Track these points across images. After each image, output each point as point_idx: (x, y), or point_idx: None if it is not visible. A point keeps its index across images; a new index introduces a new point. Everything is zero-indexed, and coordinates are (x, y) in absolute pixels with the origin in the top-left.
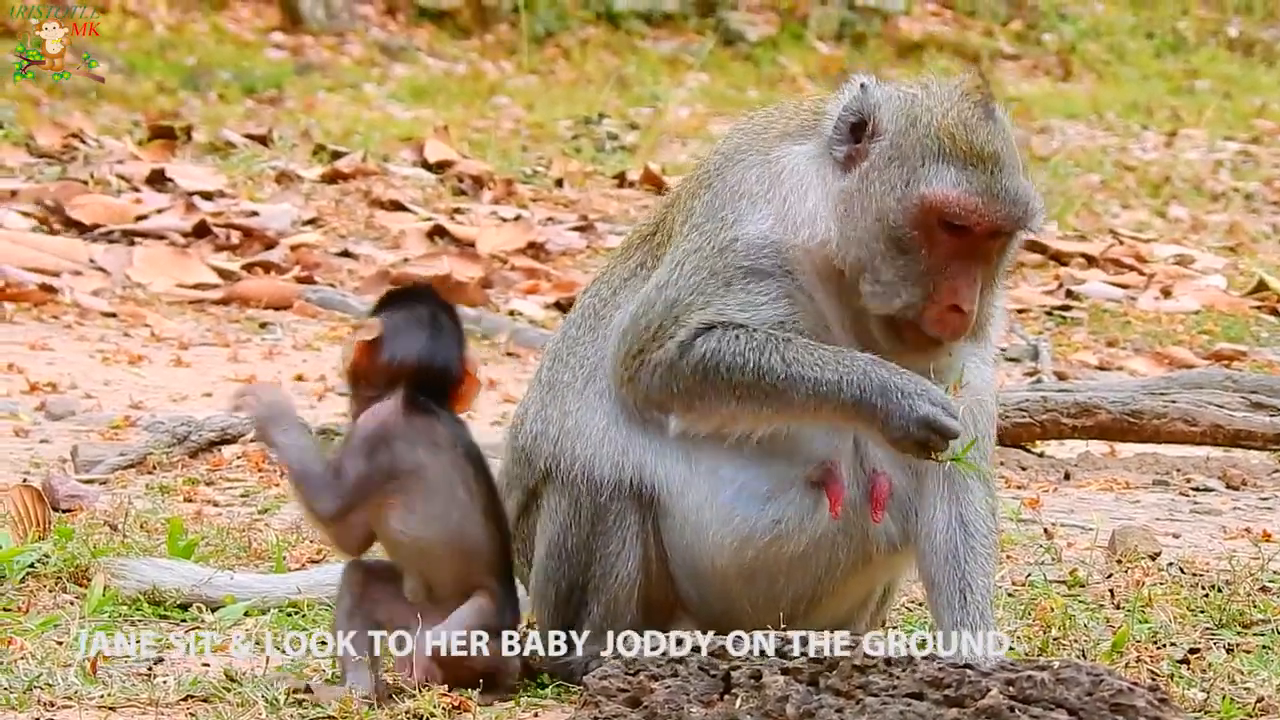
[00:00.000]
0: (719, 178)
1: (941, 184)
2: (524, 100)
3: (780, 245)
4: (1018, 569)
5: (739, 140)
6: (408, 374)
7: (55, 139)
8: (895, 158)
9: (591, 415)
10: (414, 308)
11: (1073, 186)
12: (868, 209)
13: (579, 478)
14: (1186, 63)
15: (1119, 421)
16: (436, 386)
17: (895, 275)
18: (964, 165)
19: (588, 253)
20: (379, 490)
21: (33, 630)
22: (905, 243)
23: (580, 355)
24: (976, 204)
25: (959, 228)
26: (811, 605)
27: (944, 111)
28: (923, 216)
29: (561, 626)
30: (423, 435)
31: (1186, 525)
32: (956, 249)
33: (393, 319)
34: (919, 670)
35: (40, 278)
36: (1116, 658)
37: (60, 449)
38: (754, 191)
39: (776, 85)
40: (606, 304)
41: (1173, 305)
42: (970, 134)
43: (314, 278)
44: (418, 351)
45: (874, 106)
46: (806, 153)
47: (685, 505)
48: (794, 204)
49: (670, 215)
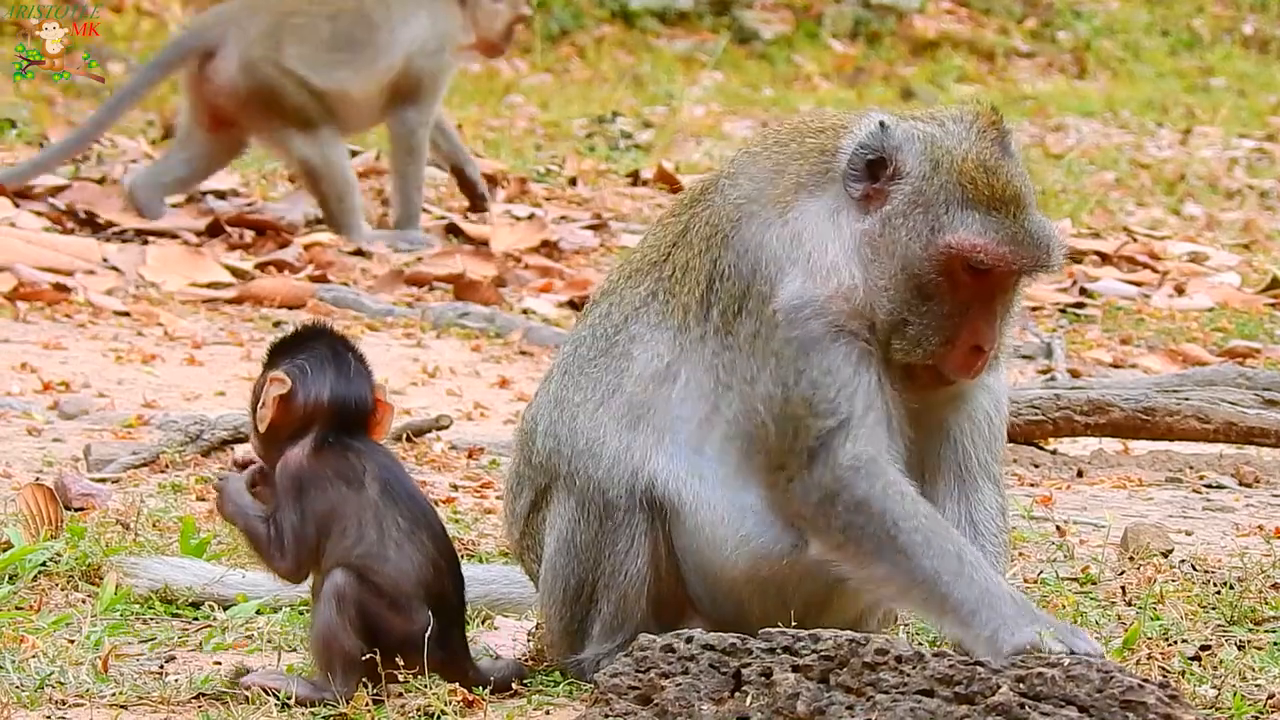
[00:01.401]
0: (735, 233)
1: (968, 232)
2: (538, 99)
3: (815, 300)
4: (1030, 566)
5: (749, 189)
6: (322, 416)
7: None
8: (918, 204)
9: (604, 437)
10: (313, 349)
11: (1087, 184)
12: (893, 255)
13: (593, 493)
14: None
15: (1132, 419)
16: (352, 422)
17: (921, 324)
18: (988, 210)
19: (601, 251)
20: (315, 535)
21: (45, 629)
22: (929, 289)
23: (592, 377)
24: (1004, 251)
25: (983, 271)
26: (823, 609)
27: (964, 154)
28: (949, 264)
29: (571, 624)
30: (337, 474)
31: (1199, 522)
32: (979, 290)
33: (296, 365)
34: (929, 667)
35: (54, 277)
36: (1128, 654)
37: (73, 448)
38: (779, 255)
39: (791, 84)
40: (619, 330)
41: (1187, 303)
42: (991, 177)
43: (327, 276)
44: (329, 392)
45: (895, 148)
46: (821, 206)
47: (699, 520)
48: (817, 258)
49: (682, 253)
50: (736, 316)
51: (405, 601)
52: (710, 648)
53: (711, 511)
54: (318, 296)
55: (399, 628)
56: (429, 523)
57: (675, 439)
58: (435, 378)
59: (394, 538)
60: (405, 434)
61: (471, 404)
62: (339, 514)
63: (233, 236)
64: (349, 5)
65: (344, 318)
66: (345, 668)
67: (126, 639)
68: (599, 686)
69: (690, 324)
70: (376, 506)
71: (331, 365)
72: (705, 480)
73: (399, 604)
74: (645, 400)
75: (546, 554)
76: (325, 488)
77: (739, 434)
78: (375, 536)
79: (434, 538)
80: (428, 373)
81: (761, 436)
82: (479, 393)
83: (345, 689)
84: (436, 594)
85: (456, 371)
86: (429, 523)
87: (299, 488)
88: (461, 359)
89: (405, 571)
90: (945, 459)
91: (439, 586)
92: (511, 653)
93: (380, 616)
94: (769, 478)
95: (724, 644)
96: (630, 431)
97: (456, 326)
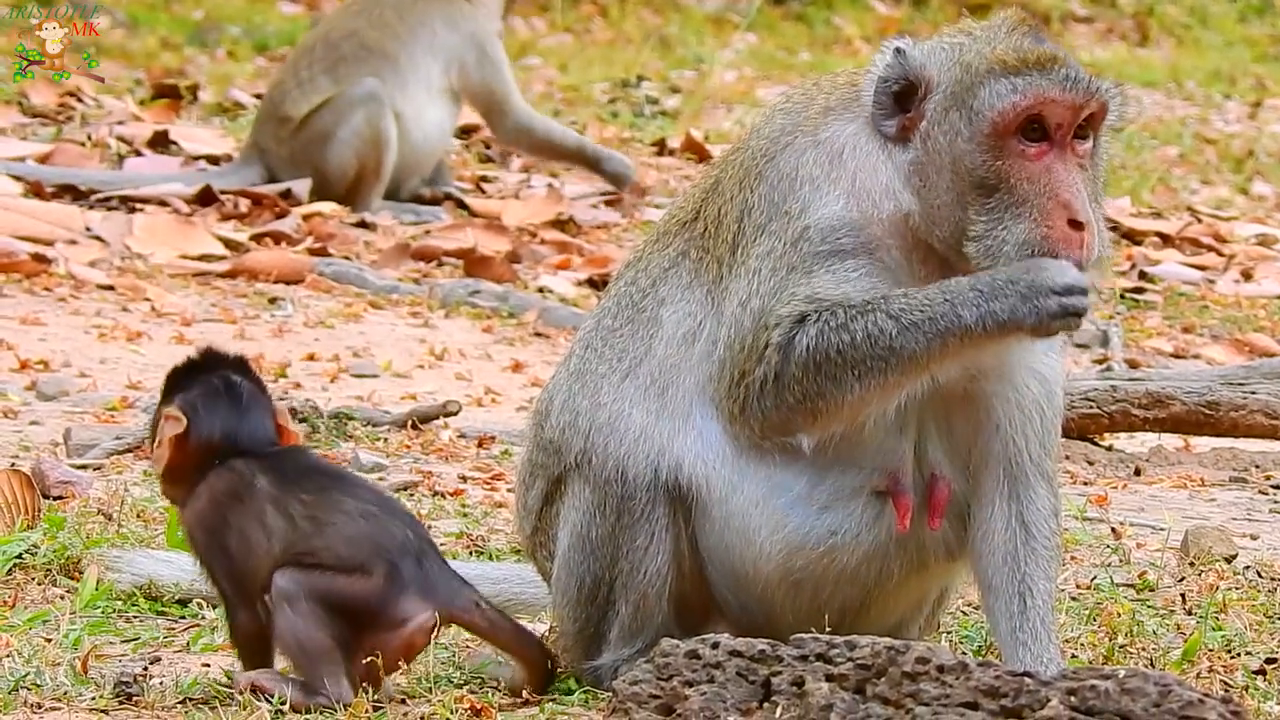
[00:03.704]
0: (770, 165)
1: (1004, 97)
2: (557, 61)
3: (858, 224)
4: (1083, 571)
5: (781, 122)
6: (217, 453)
7: (50, 98)
8: (953, 105)
9: (629, 411)
10: (207, 381)
11: (1148, 160)
12: (941, 166)
13: (611, 475)
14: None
15: (1194, 413)
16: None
17: (994, 221)
18: (1020, 72)
19: (624, 225)
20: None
21: (20, 626)
22: (991, 180)
23: (617, 347)
24: (1044, 95)
25: (1038, 134)
26: (860, 615)
27: (993, 46)
28: (998, 139)
29: (587, 626)
30: (229, 495)
31: (1265, 526)
32: (1045, 166)
33: (190, 400)
34: (973, 678)
35: (32, 247)
36: (1187, 667)
37: (52, 431)
38: (815, 175)
39: (830, 47)
40: (646, 295)
41: (1254, 289)
42: (1022, 50)
43: (328, 249)
44: (222, 429)
45: (919, 67)
46: (859, 129)
47: (729, 509)
48: (864, 179)
49: (714, 204)
50: (754, 242)
51: (352, 562)
52: (738, 654)
53: (742, 497)
54: (317, 271)
55: (360, 590)
56: (340, 482)
57: (704, 410)
58: (443, 360)
59: (303, 515)
60: (410, 420)
61: (482, 389)
62: (246, 533)
63: (226, 205)
64: None
65: (345, 294)
66: (328, 663)
67: (108, 638)
68: (617, 695)
69: (724, 276)
70: (274, 500)
71: (226, 398)
72: (735, 460)
73: (348, 567)
74: (675, 363)
75: (560, 550)
76: (226, 517)
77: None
78: (285, 525)
79: (349, 491)
80: (435, 355)
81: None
82: (490, 377)
83: (338, 690)
84: (385, 539)
85: (466, 354)
86: (340, 482)
87: (209, 534)
88: (472, 340)
89: (336, 535)
90: (993, 452)
91: (382, 531)
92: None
93: (334, 588)
94: (731, 406)
95: (752, 650)
96: (658, 400)
97: (467, 305)
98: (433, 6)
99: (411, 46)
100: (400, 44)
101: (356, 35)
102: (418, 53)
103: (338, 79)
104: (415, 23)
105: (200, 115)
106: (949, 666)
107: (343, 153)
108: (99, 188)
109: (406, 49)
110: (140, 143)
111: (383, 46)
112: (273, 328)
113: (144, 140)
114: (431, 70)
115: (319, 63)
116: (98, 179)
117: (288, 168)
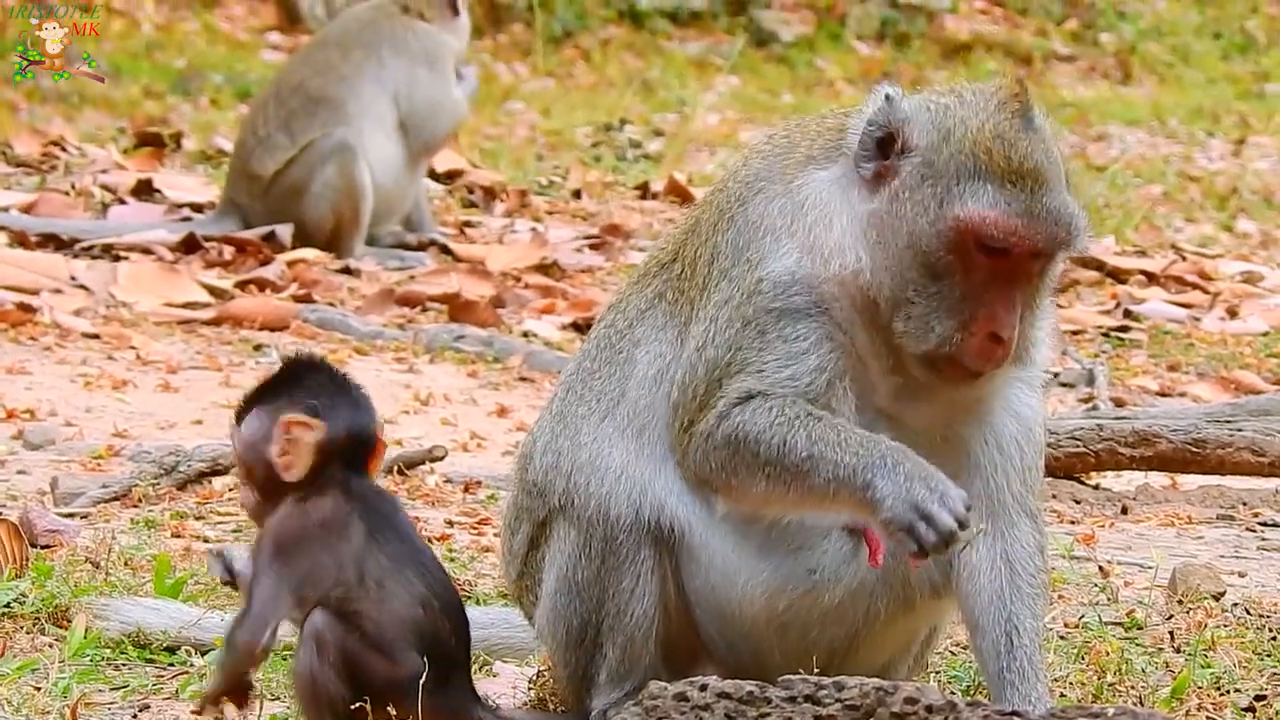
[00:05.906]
0: (740, 210)
1: (977, 204)
2: (539, 105)
3: (809, 280)
4: (1070, 610)
5: (758, 167)
6: (337, 455)
7: (34, 147)
8: (927, 176)
9: (608, 451)
10: (315, 383)
11: (1132, 198)
12: (899, 232)
13: (594, 516)
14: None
15: (1181, 451)
16: (359, 459)
17: (929, 307)
18: (1001, 183)
19: (608, 268)
20: (289, 603)
21: (9, 675)
22: (939, 268)
23: (596, 389)
24: (1015, 225)
25: (996, 250)
26: (849, 655)
27: (979, 124)
28: (958, 239)
29: (576, 670)
30: (322, 525)
31: (1253, 563)
32: (994, 273)
33: (310, 405)
34: (962, 718)
35: (18, 296)
36: (1176, 705)
37: (39, 480)
38: (777, 225)
39: (813, 89)
40: (623, 336)
41: (1239, 326)
42: (1008, 148)
43: (312, 296)
44: (346, 428)
45: (903, 120)
46: (830, 177)
47: (711, 551)
48: (819, 234)
49: (691, 245)
50: (716, 287)
51: (389, 644)
52: (726, 696)
53: (721, 540)
54: (302, 317)
55: (384, 672)
56: (418, 560)
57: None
58: (429, 405)
59: (374, 576)
60: (396, 466)
61: (468, 434)
62: (319, 564)
63: (210, 253)
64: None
65: (330, 340)
66: (333, 714)
67: (97, 686)
68: None
69: (692, 319)
70: (358, 549)
71: (345, 398)
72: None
73: (382, 647)
74: (649, 404)
75: (546, 593)
76: (309, 546)
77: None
78: (354, 578)
79: (423, 575)
80: (420, 400)
81: (687, 398)
82: (476, 422)
83: None
84: (429, 636)
85: (451, 399)
86: (418, 560)
87: (282, 551)
88: (457, 385)
89: (390, 611)
90: (974, 491)
91: (431, 627)
92: (511, 701)
93: (363, 659)
94: (676, 446)
95: (741, 692)
96: (636, 440)
97: (451, 350)
98: (380, 34)
99: (358, 85)
100: (346, 85)
101: (302, 87)
102: (365, 91)
103: (292, 134)
104: (360, 57)
105: (184, 163)
106: (937, 707)
107: (318, 206)
108: (83, 236)
109: (353, 90)
110: (124, 191)
111: (326, 94)
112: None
113: (128, 188)
114: (380, 106)
115: (272, 120)
116: (82, 228)
117: (264, 221)
